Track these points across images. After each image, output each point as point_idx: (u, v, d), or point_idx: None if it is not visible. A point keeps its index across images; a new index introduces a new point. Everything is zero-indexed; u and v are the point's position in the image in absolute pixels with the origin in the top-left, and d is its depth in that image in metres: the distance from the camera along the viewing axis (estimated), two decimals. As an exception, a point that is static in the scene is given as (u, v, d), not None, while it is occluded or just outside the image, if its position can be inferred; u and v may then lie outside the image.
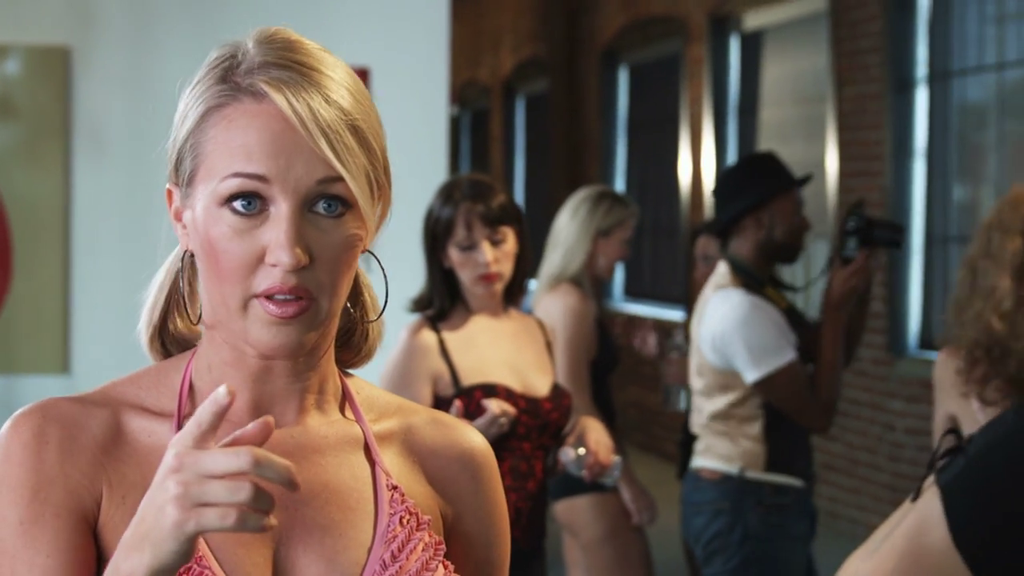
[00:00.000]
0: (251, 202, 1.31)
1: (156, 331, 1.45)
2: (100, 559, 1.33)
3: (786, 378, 3.94)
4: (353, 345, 1.48)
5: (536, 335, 3.44)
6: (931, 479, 2.12)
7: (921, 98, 7.30)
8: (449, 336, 3.29)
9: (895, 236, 4.14)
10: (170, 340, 1.45)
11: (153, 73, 4.94)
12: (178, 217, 1.39)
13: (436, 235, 3.29)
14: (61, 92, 4.96)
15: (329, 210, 1.32)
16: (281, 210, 1.30)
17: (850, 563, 2.16)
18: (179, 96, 1.39)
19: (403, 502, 1.40)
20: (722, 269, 4.13)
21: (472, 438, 1.48)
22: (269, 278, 1.30)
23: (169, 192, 1.39)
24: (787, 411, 3.97)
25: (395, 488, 1.41)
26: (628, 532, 4.41)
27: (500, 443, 3.17)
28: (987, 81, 6.88)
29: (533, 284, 4.10)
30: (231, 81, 1.33)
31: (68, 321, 5.00)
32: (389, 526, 1.38)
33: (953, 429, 2.31)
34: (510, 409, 3.17)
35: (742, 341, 3.95)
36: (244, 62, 1.34)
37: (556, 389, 3.36)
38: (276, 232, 1.30)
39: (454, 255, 3.28)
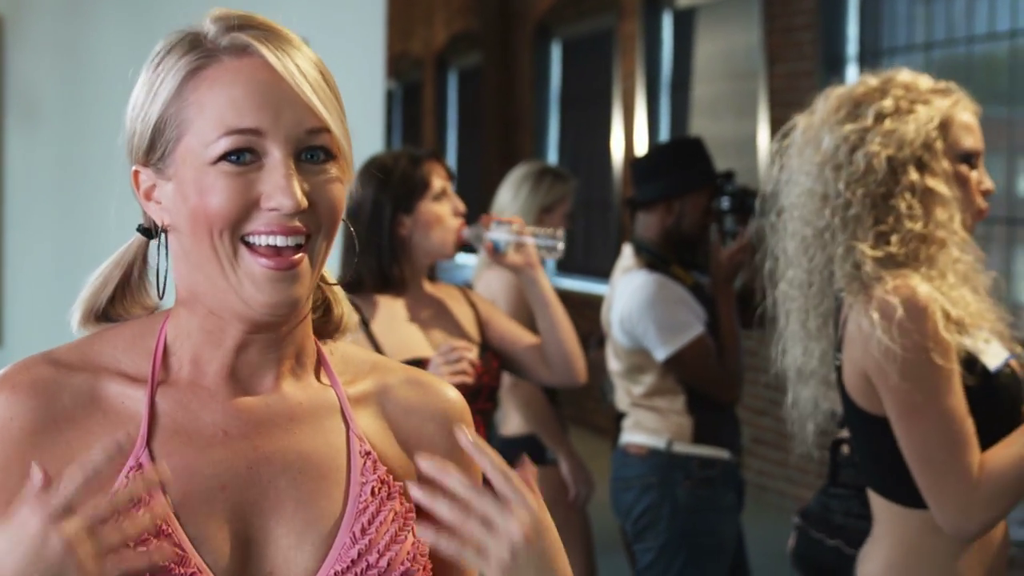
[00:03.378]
0: (243, 155, 1.32)
1: (100, 311, 1.44)
2: None
3: (694, 352, 3.99)
4: (332, 319, 1.49)
5: (458, 300, 3.45)
6: None
7: (852, 76, 7.37)
8: (372, 315, 3.29)
9: None
10: (105, 320, 1.45)
11: (86, 42, 4.90)
12: (148, 196, 1.38)
13: (404, 196, 3.29)
14: (-7, 62, 4.91)
15: (314, 159, 1.34)
16: (275, 158, 1.31)
17: None
18: (130, 88, 1.39)
19: (375, 470, 1.41)
20: (627, 251, 4.19)
21: (448, 395, 1.50)
22: (265, 220, 1.31)
23: (136, 174, 1.39)
24: (698, 385, 4.02)
25: (368, 454, 1.42)
26: (567, 505, 4.44)
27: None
28: (916, 60, 6.96)
29: (472, 259, 4.11)
30: (204, 47, 1.34)
31: (1, 293, 4.95)
32: (360, 496, 1.39)
33: None
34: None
35: (651, 320, 4.00)
36: (211, 32, 1.35)
37: (484, 352, 3.37)
38: (274, 178, 1.31)
39: (429, 209, 3.29)
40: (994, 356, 2.44)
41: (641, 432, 4.08)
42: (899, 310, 2.38)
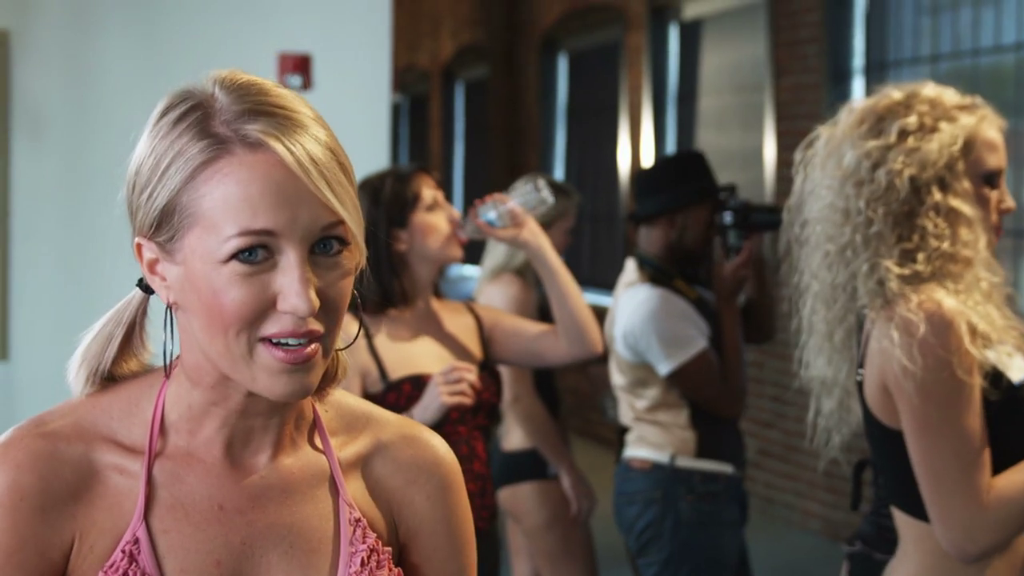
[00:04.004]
0: (256, 252, 1.29)
1: (102, 371, 1.42)
2: None
3: (697, 367, 3.97)
4: (329, 376, 1.47)
5: (464, 317, 3.45)
6: None
7: (857, 88, 7.37)
8: (376, 331, 3.29)
9: (774, 218, 4.16)
10: (107, 378, 1.43)
11: (92, 57, 4.91)
12: (152, 270, 1.36)
13: (396, 211, 3.30)
14: (0, 77, 4.92)
15: (326, 250, 1.31)
16: (290, 259, 1.29)
17: None
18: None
19: (364, 539, 1.41)
20: (630, 266, 4.18)
21: (439, 453, 1.50)
22: (279, 323, 1.29)
23: (138, 246, 1.36)
24: (700, 400, 4.00)
25: (358, 522, 1.42)
26: (571, 519, 4.44)
27: (435, 430, 3.17)
28: (921, 72, 6.96)
29: (475, 271, 4.11)
30: (214, 134, 1.30)
31: (6, 308, 4.96)
32: (350, 567, 1.39)
33: None
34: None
35: (653, 335, 3.99)
36: (221, 112, 1.31)
37: (484, 368, 3.37)
38: (289, 280, 1.29)
39: (423, 219, 3.30)
40: (1018, 370, 2.42)
41: (644, 446, 4.07)
42: (922, 327, 2.36)
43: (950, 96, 2.52)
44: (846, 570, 3.17)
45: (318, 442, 1.44)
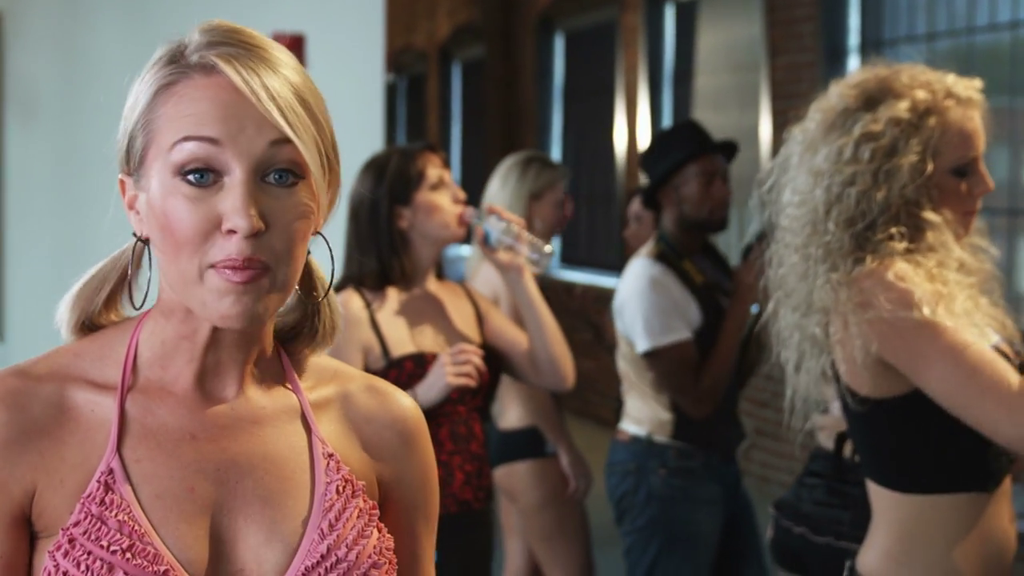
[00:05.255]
0: (204, 175, 1.32)
1: (91, 313, 1.46)
2: (40, 544, 1.37)
3: (670, 356, 3.95)
4: (304, 334, 1.51)
5: (463, 299, 3.46)
6: None
7: (853, 67, 7.36)
8: (378, 308, 3.30)
9: None
10: (93, 327, 1.47)
11: (85, 39, 4.90)
12: (131, 206, 1.41)
13: (400, 189, 3.31)
14: (-8, 57, 4.91)
15: (281, 180, 1.34)
16: (235, 177, 1.32)
17: None
18: (130, 80, 1.41)
19: (339, 470, 1.44)
20: (651, 239, 4.17)
21: (404, 404, 1.53)
22: (224, 249, 1.32)
23: (121, 183, 1.42)
24: (667, 389, 3.98)
25: (331, 456, 1.45)
26: (565, 498, 4.45)
27: (436, 409, 3.20)
28: (918, 51, 6.95)
29: (466, 251, 4.11)
30: (180, 62, 1.36)
31: (1, 289, 4.96)
32: (326, 495, 1.42)
33: None
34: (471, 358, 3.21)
35: (636, 311, 3.98)
36: (190, 45, 1.37)
37: (485, 350, 3.39)
38: (232, 198, 1.32)
39: (427, 198, 3.30)
40: (981, 338, 2.43)
41: (628, 419, 4.11)
42: (879, 287, 2.40)
43: (918, 94, 2.51)
44: (770, 530, 3.26)
45: (288, 385, 1.48)
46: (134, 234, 1.45)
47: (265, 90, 1.33)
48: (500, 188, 4.58)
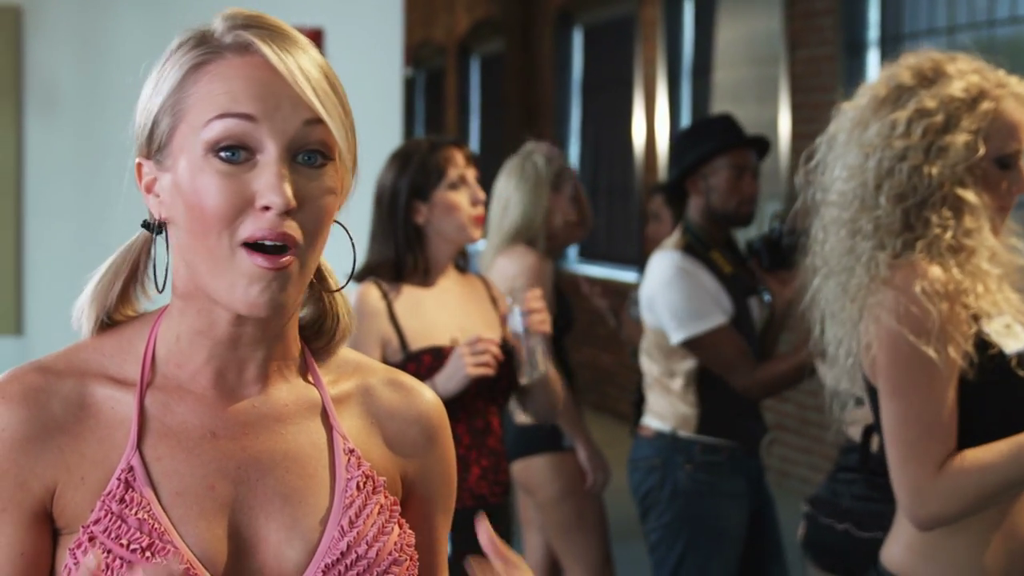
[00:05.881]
0: (237, 152, 1.32)
1: (108, 309, 1.45)
2: (62, 541, 1.37)
3: (711, 341, 3.93)
4: (327, 328, 1.50)
5: (481, 292, 3.46)
6: None
7: (873, 60, 7.34)
8: (396, 300, 3.30)
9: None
10: (111, 323, 1.46)
11: (105, 32, 4.91)
12: (149, 189, 1.40)
13: (420, 184, 3.30)
14: (12, 52, 4.93)
15: (310, 161, 1.34)
16: (269, 154, 1.32)
17: None
18: (135, 78, 1.40)
19: (359, 466, 1.43)
20: (677, 230, 4.15)
21: (428, 399, 1.52)
22: (257, 223, 1.32)
23: (138, 166, 1.40)
24: (719, 372, 3.97)
25: (352, 452, 1.44)
26: (583, 492, 4.44)
27: (455, 403, 3.20)
28: (937, 44, 6.93)
29: (481, 243, 4.09)
30: (210, 43, 1.36)
31: (21, 282, 4.98)
32: (346, 492, 1.41)
33: None
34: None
35: (666, 302, 3.97)
36: (218, 29, 1.37)
37: (504, 345, 3.39)
38: (266, 175, 1.32)
39: (445, 198, 3.29)
40: (1015, 340, 2.42)
41: (651, 415, 4.09)
42: (905, 295, 2.40)
43: (973, 78, 2.50)
44: (803, 528, 3.23)
45: (309, 378, 1.47)
46: (143, 224, 1.44)
47: (300, 70, 1.33)
48: (519, 181, 4.54)
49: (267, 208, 1.31)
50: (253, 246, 1.32)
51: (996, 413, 2.41)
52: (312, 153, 1.34)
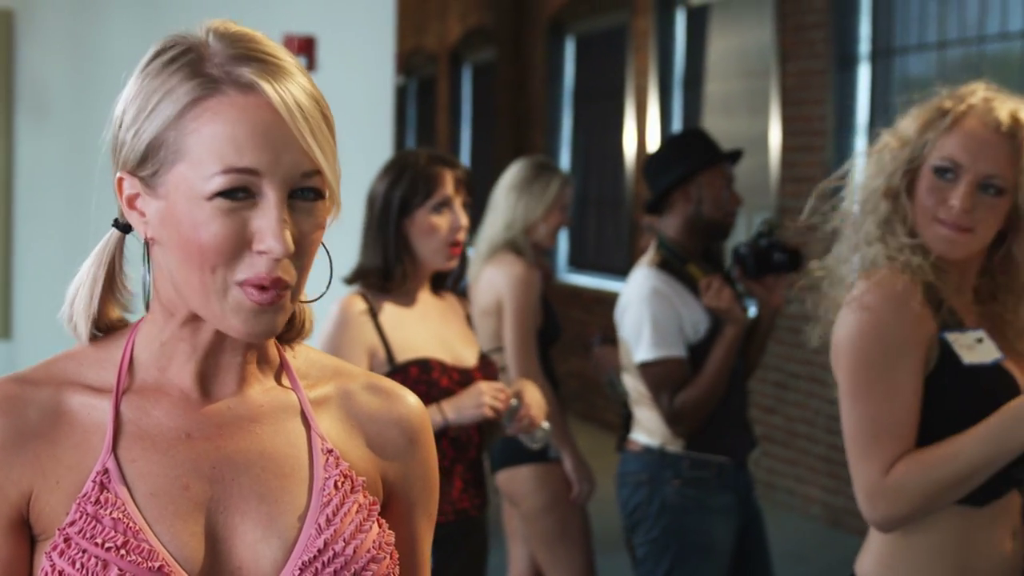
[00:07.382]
0: (237, 193, 1.33)
1: (93, 320, 1.46)
2: (40, 547, 1.38)
3: (656, 371, 3.96)
4: (294, 325, 1.52)
5: (456, 308, 3.48)
6: None
7: (863, 74, 7.36)
8: (382, 311, 3.31)
9: (793, 261, 4.17)
10: (103, 327, 1.47)
11: (96, 35, 4.91)
12: (131, 203, 1.40)
13: (410, 198, 3.31)
14: (4, 55, 4.93)
15: (305, 196, 1.36)
16: (270, 200, 1.33)
17: None
18: (125, 82, 1.40)
19: (338, 465, 1.45)
20: (651, 246, 4.16)
21: (409, 402, 1.54)
22: (253, 267, 1.34)
23: (120, 180, 1.40)
24: (653, 401, 4.00)
25: (330, 452, 1.45)
26: (569, 503, 4.43)
27: (438, 416, 3.22)
28: (928, 59, 6.95)
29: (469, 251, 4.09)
30: (206, 74, 1.35)
31: (10, 287, 4.97)
32: (324, 490, 1.42)
33: None
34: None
35: (635, 320, 3.99)
36: (213, 56, 1.36)
37: (483, 359, 3.40)
38: (267, 220, 1.33)
39: (426, 219, 3.30)
40: (979, 353, 2.45)
41: (639, 429, 4.08)
42: (867, 297, 2.45)
43: (947, 102, 2.52)
44: None
45: (286, 382, 1.49)
46: (115, 224, 1.45)
47: (299, 109, 1.34)
48: (522, 197, 4.55)
49: (264, 253, 1.33)
50: (246, 285, 1.34)
51: (953, 420, 2.43)
52: (307, 190, 1.36)
